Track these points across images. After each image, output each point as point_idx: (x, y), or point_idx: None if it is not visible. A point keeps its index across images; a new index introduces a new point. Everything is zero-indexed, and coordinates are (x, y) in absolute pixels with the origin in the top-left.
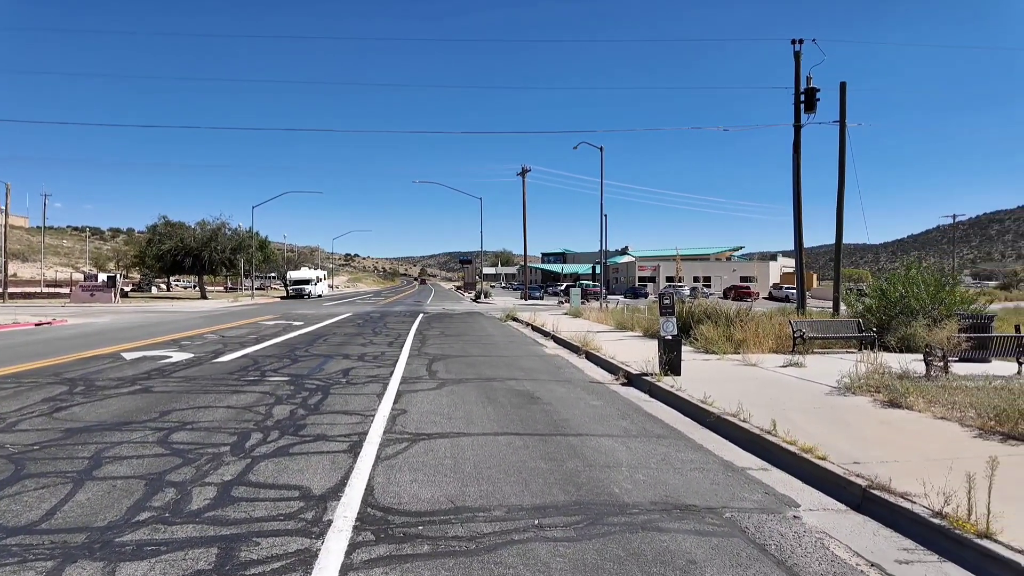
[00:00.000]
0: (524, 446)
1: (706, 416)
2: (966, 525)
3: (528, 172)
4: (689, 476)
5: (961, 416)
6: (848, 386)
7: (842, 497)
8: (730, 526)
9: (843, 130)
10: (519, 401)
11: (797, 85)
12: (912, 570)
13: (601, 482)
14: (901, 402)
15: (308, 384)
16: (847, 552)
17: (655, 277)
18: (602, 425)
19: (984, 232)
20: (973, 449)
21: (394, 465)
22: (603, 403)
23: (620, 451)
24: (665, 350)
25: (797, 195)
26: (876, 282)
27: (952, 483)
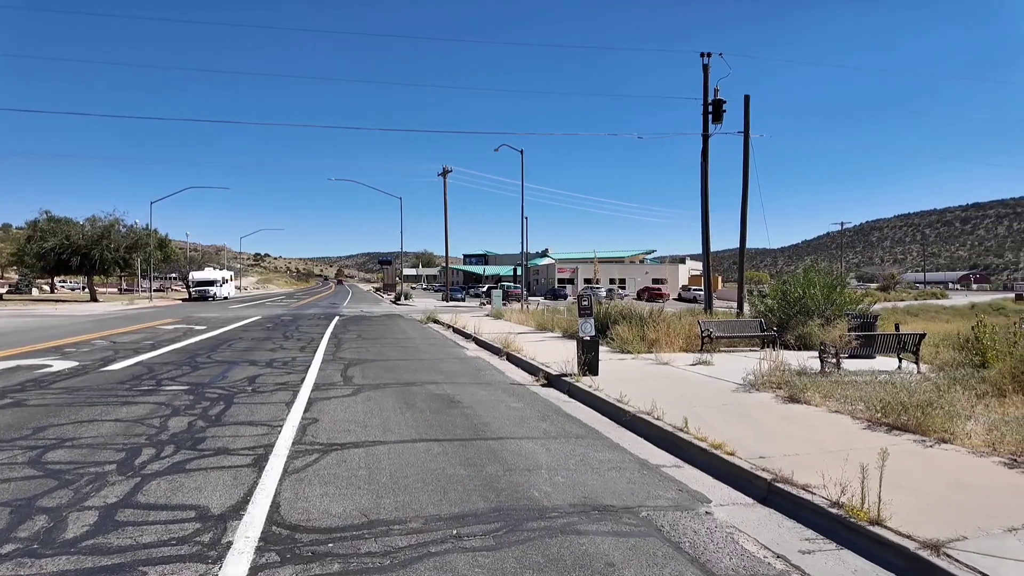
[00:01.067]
0: (443, 453)
1: (622, 415)
2: (860, 513)
3: (450, 172)
4: (607, 476)
5: (852, 409)
6: (752, 383)
7: (750, 491)
8: (646, 525)
9: (747, 140)
10: (439, 406)
11: (705, 96)
12: (813, 559)
13: (521, 486)
14: (800, 397)
15: (209, 393)
16: (755, 545)
17: (574, 279)
18: (522, 427)
19: (867, 239)
20: (864, 440)
21: (303, 478)
22: (523, 405)
23: (540, 453)
24: (583, 351)
25: (705, 201)
26: (776, 284)
27: (847, 474)
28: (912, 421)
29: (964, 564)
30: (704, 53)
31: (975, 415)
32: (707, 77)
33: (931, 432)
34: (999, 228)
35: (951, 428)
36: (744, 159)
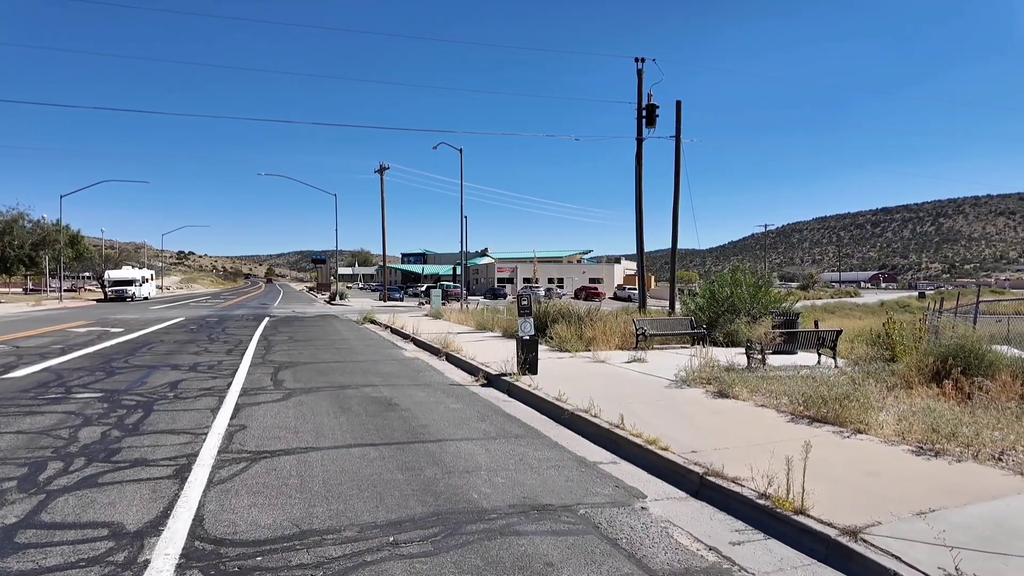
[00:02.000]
0: (380, 457)
1: (561, 413)
2: (785, 504)
3: (387, 169)
4: (546, 475)
5: (777, 403)
6: (684, 379)
7: (683, 485)
8: (585, 523)
9: (678, 145)
10: (375, 409)
11: (639, 101)
12: (743, 550)
13: (460, 489)
14: (729, 392)
15: (126, 401)
16: (688, 538)
17: (513, 278)
18: (462, 429)
19: (788, 240)
20: (788, 433)
21: (230, 489)
22: (463, 406)
23: (479, 454)
24: (523, 350)
25: (639, 203)
26: (706, 284)
27: (773, 466)
28: (831, 413)
29: (879, 548)
30: (638, 58)
31: (886, 406)
32: (641, 82)
33: (848, 423)
34: (904, 231)
35: (866, 419)
36: (676, 163)
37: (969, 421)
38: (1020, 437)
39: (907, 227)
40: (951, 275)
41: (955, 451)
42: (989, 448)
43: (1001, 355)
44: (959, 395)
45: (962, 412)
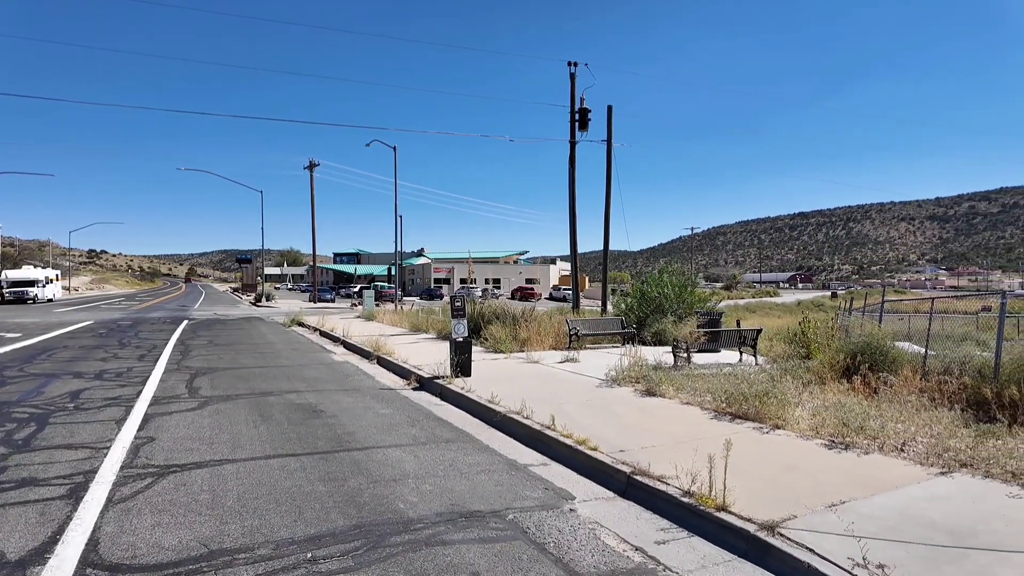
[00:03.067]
0: (301, 468)
1: (493, 416)
2: (708, 501)
3: (317, 166)
4: (475, 480)
5: (701, 401)
6: (614, 379)
7: (611, 485)
8: (513, 528)
9: (609, 148)
10: (299, 416)
11: (572, 104)
12: (668, 549)
13: (386, 499)
14: (656, 391)
15: (18, 413)
16: (615, 539)
17: (450, 279)
18: (390, 435)
19: (713, 242)
20: (712, 430)
21: (131, 508)
22: (393, 411)
23: (408, 461)
24: (456, 352)
25: (572, 205)
26: (636, 284)
27: (697, 464)
28: (751, 410)
29: (794, 541)
30: (571, 62)
31: (802, 402)
32: (574, 86)
33: (767, 419)
34: (819, 235)
35: (783, 415)
36: (607, 166)
37: (875, 415)
38: (920, 429)
39: (821, 231)
40: (860, 276)
41: (863, 444)
42: (893, 440)
43: (903, 351)
44: (867, 390)
45: (870, 406)
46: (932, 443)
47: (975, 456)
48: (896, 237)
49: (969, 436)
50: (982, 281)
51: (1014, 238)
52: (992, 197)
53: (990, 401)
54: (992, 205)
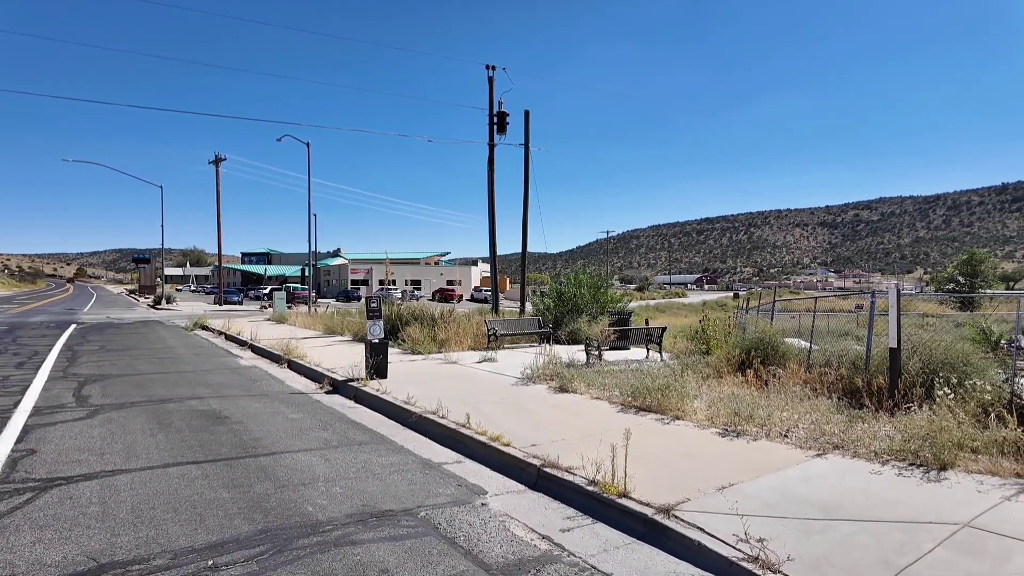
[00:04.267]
0: (203, 476)
1: (409, 416)
2: (611, 488)
3: (223, 161)
4: (388, 480)
5: (610, 395)
6: (530, 377)
7: (522, 478)
8: (424, 525)
9: (527, 152)
10: (201, 424)
11: (491, 107)
12: (572, 535)
13: (294, 503)
14: (569, 387)
15: None
16: (524, 530)
17: (368, 280)
18: (300, 439)
19: (627, 245)
20: (617, 422)
21: (8, 526)
22: (303, 415)
23: (318, 465)
24: (372, 354)
25: (491, 207)
26: (553, 285)
27: (601, 454)
28: (655, 403)
29: (687, 522)
30: (489, 66)
31: (701, 394)
32: (492, 89)
33: (669, 411)
34: (724, 239)
35: (683, 407)
36: (525, 169)
37: (764, 404)
38: (802, 416)
39: (726, 235)
40: (760, 278)
41: (753, 431)
42: (779, 427)
43: (791, 346)
44: (759, 382)
45: (760, 397)
46: (811, 429)
47: (846, 439)
48: (792, 242)
49: (842, 421)
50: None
51: (891, 243)
52: (873, 206)
53: (861, 390)
54: (873, 213)
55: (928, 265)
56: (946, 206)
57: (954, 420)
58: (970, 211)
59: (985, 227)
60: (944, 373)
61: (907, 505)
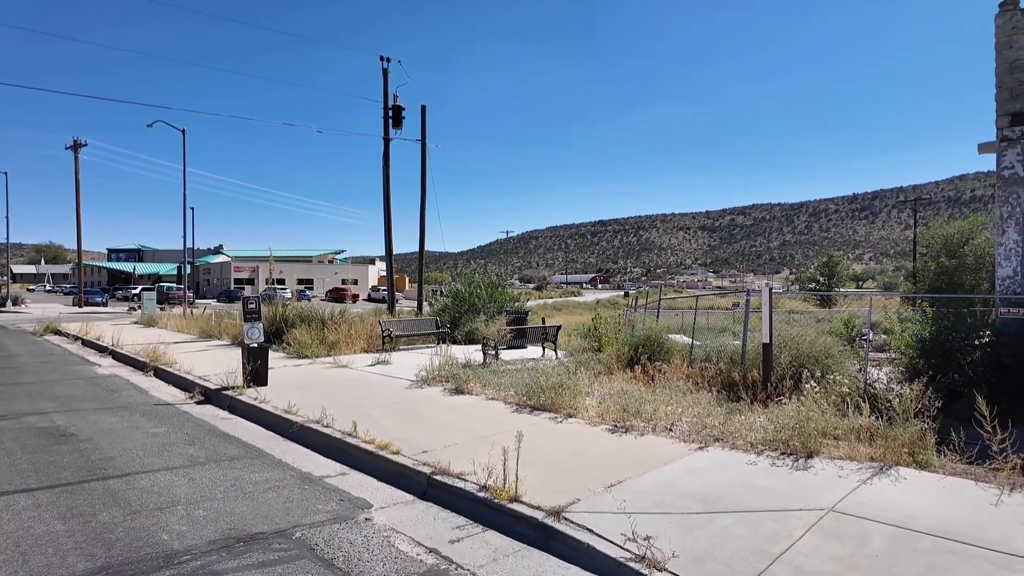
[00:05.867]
0: (34, 506)
1: (289, 427)
2: (502, 493)
3: (84, 146)
4: (261, 499)
5: (505, 395)
6: (424, 379)
7: (411, 488)
8: (299, 547)
9: (424, 148)
10: (40, 443)
11: (385, 101)
12: (462, 546)
13: (146, 531)
14: (464, 388)
15: None
16: (410, 544)
17: (254, 279)
18: (161, 457)
19: (527, 245)
20: (511, 423)
21: None
22: (168, 429)
23: (180, 486)
24: (250, 359)
25: (387, 203)
26: (451, 284)
27: (494, 457)
28: (548, 401)
29: (577, 524)
30: (384, 57)
31: (592, 391)
32: (387, 81)
33: (562, 409)
34: (616, 241)
35: (575, 404)
36: (422, 166)
37: (651, 400)
38: (686, 410)
39: (617, 237)
40: (648, 277)
41: (640, 426)
42: (664, 422)
43: (676, 343)
44: (646, 378)
45: (647, 392)
46: (694, 422)
47: (725, 431)
48: (676, 244)
49: (721, 414)
50: (739, 282)
51: (762, 246)
52: (747, 212)
53: (738, 383)
54: (747, 219)
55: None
56: (808, 213)
57: (818, 410)
58: (827, 218)
59: (840, 232)
60: (810, 366)
61: (779, 494)
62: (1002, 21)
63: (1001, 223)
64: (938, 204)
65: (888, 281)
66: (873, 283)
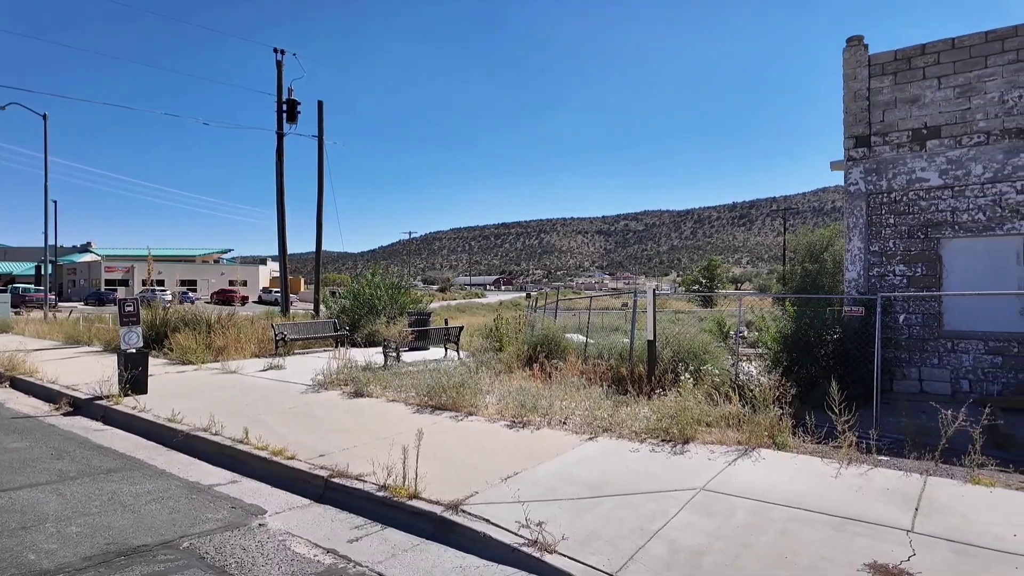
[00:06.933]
0: None
1: (174, 436)
2: (402, 491)
3: None
4: (144, 511)
5: (406, 397)
6: (322, 383)
7: (308, 492)
8: (187, 557)
9: (321, 144)
10: None
11: (279, 94)
12: (360, 545)
13: (9, 552)
14: (364, 391)
15: None
16: (307, 546)
17: (129, 280)
18: (23, 474)
19: (430, 247)
20: (412, 423)
21: None
22: (30, 444)
23: (48, 503)
24: (127, 366)
25: (281, 201)
26: (350, 286)
27: (393, 457)
28: (449, 401)
29: (474, 515)
30: (278, 49)
31: (493, 390)
32: (281, 74)
33: (463, 408)
34: (518, 243)
35: (476, 403)
36: (319, 163)
37: (547, 395)
38: (579, 404)
39: (520, 240)
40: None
41: (537, 421)
42: (559, 416)
43: (571, 341)
44: (544, 375)
45: (544, 389)
46: (586, 415)
47: (613, 422)
48: (575, 247)
49: (610, 407)
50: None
51: (653, 251)
52: (639, 218)
53: (626, 377)
54: (639, 224)
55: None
56: (694, 220)
57: (694, 400)
58: (711, 224)
59: (721, 238)
60: (689, 360)
61: (658, 477)
62: (848, 55)
63: (848, 232)
64: (805, 213)
65: (763, 283)
66: (750, 285)
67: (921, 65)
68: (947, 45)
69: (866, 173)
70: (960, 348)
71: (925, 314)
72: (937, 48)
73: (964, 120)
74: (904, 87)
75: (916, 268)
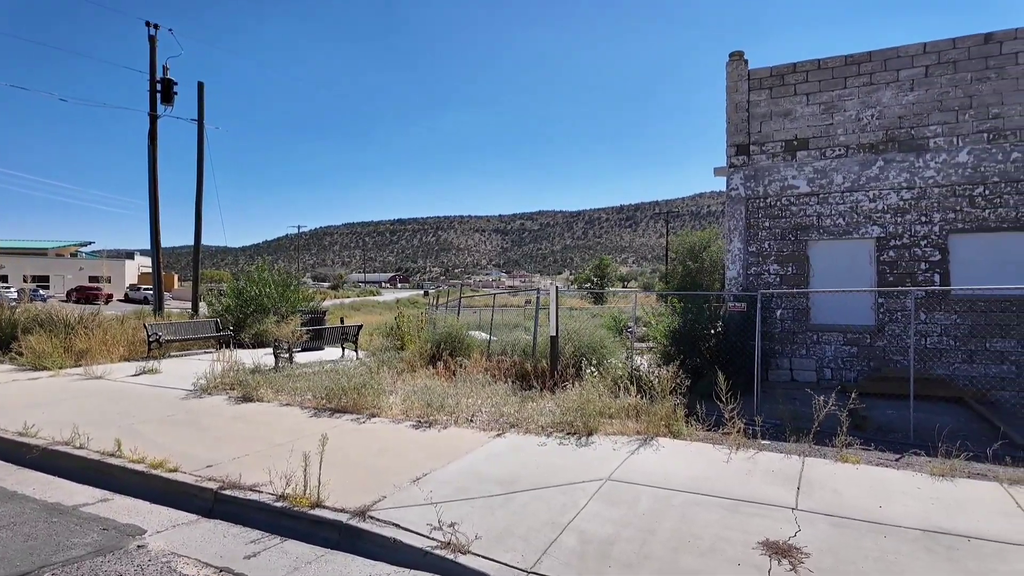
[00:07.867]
0: None
1: (27, 452)
2: (303, 500)
3: None
4: None
5: (302, 400)
6: (205, 387)
7: (195, 507)
8: None
9: (201, 129)
10: None
11: (152, 72)
12: (258, 560)
13: None
14: (253, 396)
15: None
16: (196, 566)
17: None
18: None
19: (321, 242)
20: (311, 427)
21: None
22: None
23: None
24: None
25: (154, 189)
26: (234, 283)
27: (292, 465)
28: (350, 402)
29: (382, 521)
30: (151, 23)
31: (396, 389)
32: (154, 50)
33: (365, 409)
34: (415, 240)
35: (379, 404)
36: (199, 149)
37: (453, 393)
38: (485, 401)
39: (417, 236)
40: (447, 277)
41: (443, 420)
42: (466, 413)
43: (475, 338)
44: (448, 373)
45: (449, 387)
46: (492, 412)
47: (520, 417)
48: (473, 245)
49: (516, 402)
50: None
51: (547, 249)
52: (535, 218)
53: (530, 373)
54: (535, 223)
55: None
56: (585, 221)
57: (596, 393)
58: (600, 225)
59: (610, 239)
60: (589, 355)
61: (567, 470)
62: (731, 69)
63: (729, 234)
64: (684, 217)
65: (647, 281)
66: (636, 283)
67: (793, 82)
68: (814, 65)
69: (746, 179)
70: (824, 340)
71: (796, 309)
72: (806, 67)
73: (828, 134)
74: (779, 101)
75: (788, 267)
